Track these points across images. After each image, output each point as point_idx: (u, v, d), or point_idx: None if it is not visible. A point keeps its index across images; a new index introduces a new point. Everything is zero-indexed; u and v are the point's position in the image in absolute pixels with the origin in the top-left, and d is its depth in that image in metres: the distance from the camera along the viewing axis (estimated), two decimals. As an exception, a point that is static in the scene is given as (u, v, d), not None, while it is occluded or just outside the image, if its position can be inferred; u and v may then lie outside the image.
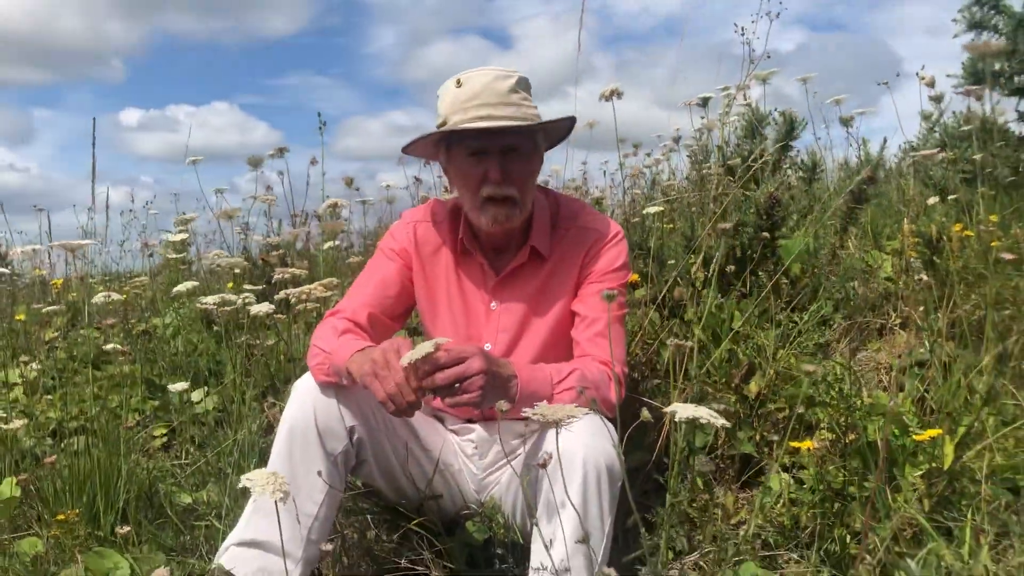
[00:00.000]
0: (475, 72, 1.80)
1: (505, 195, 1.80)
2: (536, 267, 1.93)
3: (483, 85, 1.77)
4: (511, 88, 1.79)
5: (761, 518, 1.83)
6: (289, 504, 1.64)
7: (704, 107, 3.44)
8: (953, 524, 1.64)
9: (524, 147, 1.84)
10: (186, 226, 3.09)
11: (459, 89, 1.79)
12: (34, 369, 3.14)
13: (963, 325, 2.30)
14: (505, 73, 1.80)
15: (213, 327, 3.06)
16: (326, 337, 1.81)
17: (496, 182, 1.79)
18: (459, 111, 1.78)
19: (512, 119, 1.76)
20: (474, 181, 1.82)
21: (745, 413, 2.10)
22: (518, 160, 1.82)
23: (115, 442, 2.28)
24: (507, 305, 1.94)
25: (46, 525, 2.14)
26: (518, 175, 1.82)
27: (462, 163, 1.84)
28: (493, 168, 1.79)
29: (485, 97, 1.76)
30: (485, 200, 1.81)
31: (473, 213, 1.86)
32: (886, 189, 3.80)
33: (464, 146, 1.82)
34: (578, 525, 1.50)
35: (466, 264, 1.97)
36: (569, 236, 1.95)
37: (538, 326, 1.93)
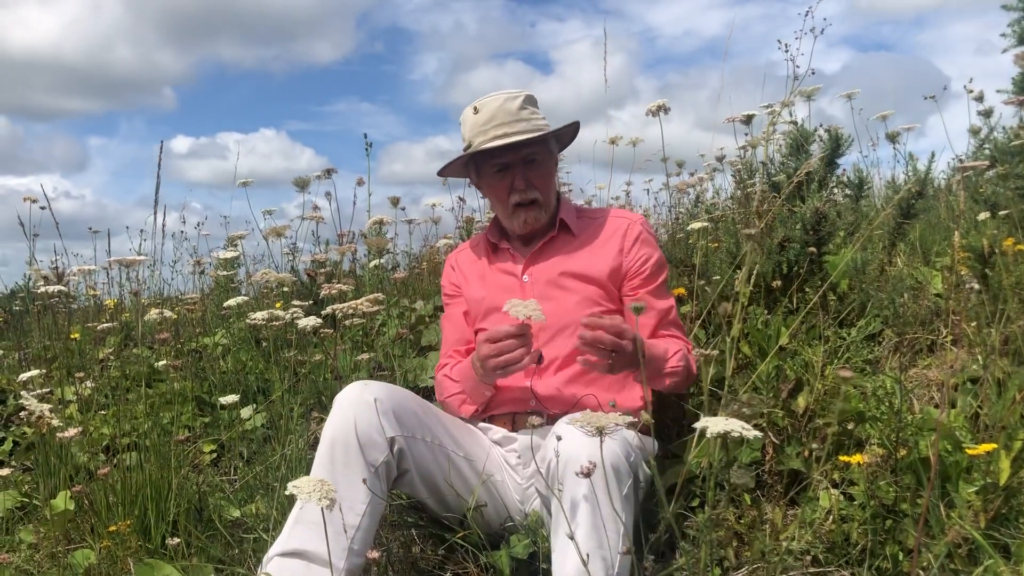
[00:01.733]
0: (488, 98, 2.09)
1: (531, 199, 2.10)
2: (565, 240, 2.17)
3: (496, 108, 2.07)
4: (520, 106, 2.08)
5: (810, 534, 1.80)
6: (332, 515, 1.66)
7: (748, 125, 3.43)
8: (1011, 541, 1.60)
9: (540, 155, 2.13)
10: (236, 244, 3.15)
11: (476, 115, 2.09)
12: (88, 387, 3.21)
13: (1018, 341, 2.25)
14: (514, 94, 2.09)
15: (262, 344, 3.10)
16: (446, 384, 2.14)
17: (521, 189, 2.10)
18: (480, 133, 2.08)
19: (524, 132, 2.05)
20: (503, 191, 2.12)
21: (793, 428, 2.07)
22: (536, 167, 2.13)
23: (166, 457, 2.32)
24: (537, 275, 2.14)
25: (99, 537, 2.18)
26: (539, 179, 2.13)
27: (491, 178, 2.15)
28: (518, 178, 2.10)
29: (500, 118, 2.06)
30: (515, 207, 2.12)
31: (506, 220, 2.18)
32: (935, 205, 3.74)
33: (490, 164, 2.13)
34: (590, 527, 1.51)
35: (498, 258, 2.22)
36: (597, 223, 2.20)
37: (566, 291, 2.10)
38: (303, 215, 3.33)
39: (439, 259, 4.76)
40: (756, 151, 3.45)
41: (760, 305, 2.55)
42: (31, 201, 3.28)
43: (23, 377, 2.34)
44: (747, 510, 1.94)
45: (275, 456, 2.33)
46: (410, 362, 2.96)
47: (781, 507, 1.94)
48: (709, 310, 2.55)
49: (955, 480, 1.77)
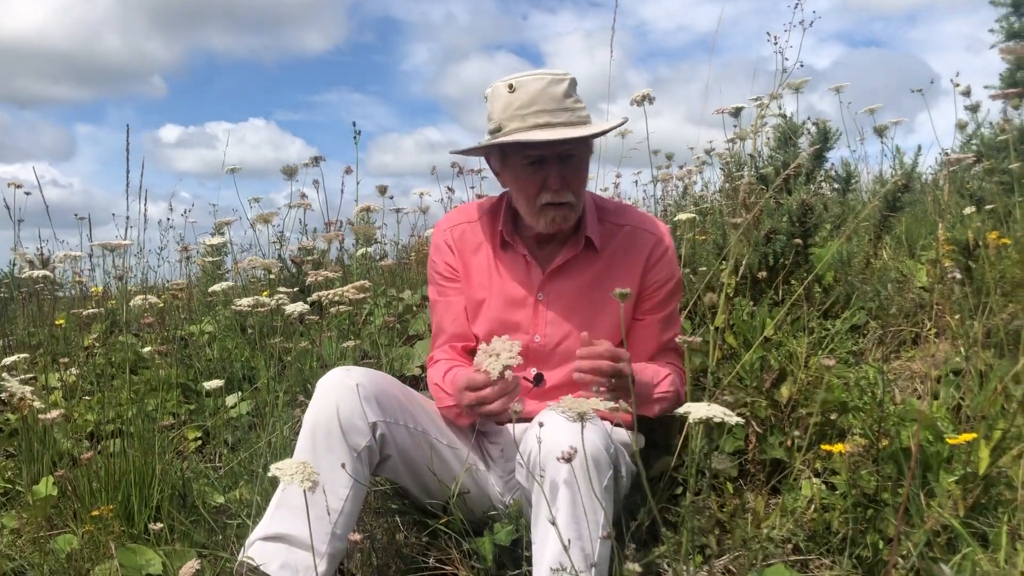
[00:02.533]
0: (527, 77, 1.81)
1: (564, 201, 1.85)
2: (589, 260, 1.96)
3: (539, 91, 1.79)
4: (565, 92, 1.81)
5: (792, 523, 1.81)
6: (314, 499, 1.66)
7: (736, 118, 3.43)
8: (988, 529, 1.61)
9: (580, 152, 1.88)
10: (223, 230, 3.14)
11: (513, 94, 1.80)
12: (73, 374, 3.20)
13: (1000, 333, 2.27)
14: (558, 77, 1.81)
15: (247, 331, 3.09)
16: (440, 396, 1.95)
17: (555, 189, 1.84)
18: (515, 118, 1.80)
19: (571, 125, 1.79)
20: (533, 188, 1.86)
21: (776, 418, 2.08)
22: (575, 167, 1.87)
23: (150, 443, 2.32)
24: (555, 297, 1.96)
25: (81, 522, 2.18)
26: (575, 181, 1.87)
27: (520, 171, 1.87)
28: (553, 177, 1.83)
29: (542, 103, 1.78)
30: (544, 205, 1.86)
31: (529, 216, 1.91)
32: (921, 199, 3.76)
33: (523, 155, 1.85)
34: (570, 516, 1.51)
35: (507, 257, 2.00)
36: (623, 233, 1.99)
37: (587, 321, 1.94)
38: (291, 203, 3.32)
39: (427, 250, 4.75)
40: (744, 144, 3.46)
41: (746, 296, 2.56)
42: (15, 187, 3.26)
43: (6, 362, 2.33)
44: (729, 499, 1.95)
45: (260, 443, 2.33)
46: (396, 351, 2.96)
47: (763, 496, 1.95)
48: (695, 301, 2.56)
49: (936, 470, 1.79)
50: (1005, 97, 2.22)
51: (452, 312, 2.06)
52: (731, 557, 1.85)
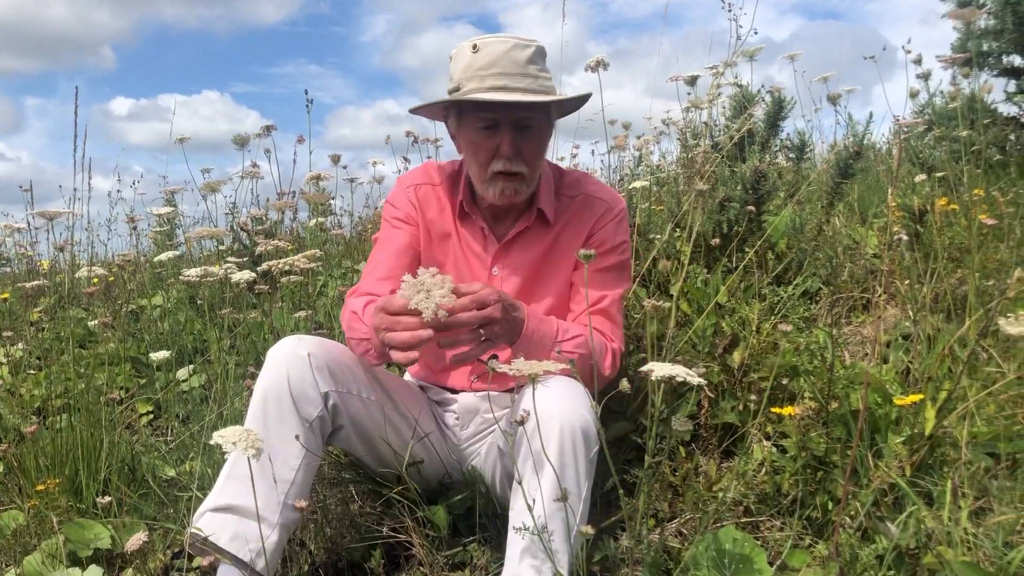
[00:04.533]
0: (493, 38, 1.75)
1: (516, 171, 1.78)
2: (541, 233, 1.93)
3: (501, 53, 1.73)
4: (529, 58, 1.74)
5: (743, 485, 1.83)
6: (264, 469, 1.64)
7: (692, 86, 3.43)
8: (933, 488, 1.64)
9: (538, 122, 1.80)
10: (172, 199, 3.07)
11: (475, 55, 1.74)
12: (20, 349, 3.13)
13: (948, 298, 2.31)
14: (524, 42, 1.75)
15: (198, 303, 3.05)
16: (356, 325, 1.77)
17: (508, 157, 1.77)
18: (474, 78, 1.74)
19: (529, 92, 1.72)
20: (484, 154, 1.79)
21: (728, 383, 2.10)
22: (531, 136, 1.80)
23: (98, 416, 2.28)
24: (509, 271, 1.93)
25: (28, 498, 2.14)
26: (530, 152, 1.80)
27: (473, 134, 1.80)
28: (505, 143, 1.76)
29: (503, 66, 1.72)
30: (495, 174, 1.79)
31: (480, 184, 1.85)
32: (873, 167, 3.80)
33: (477, 117, 1.78)
34: (556, 486, 1.49)
35: (466, 227, 1.96)
36: (575, 203, 1.94)
37: (541, 293, 1.92)
38: (242, 173, 3.26)
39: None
40: (700, 113, 3.46)
41: (699, 264, 2.57)
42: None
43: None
44: (682, 462, 1.96)
45: (212, 415, 2.30)
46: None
47: (715, 459, 1.97)
48: (649, 268, 2.57)
49: (884, 431, 1.81)
50: (953, 63, 2.24)
51: (395, 248, 1.95)
52: (683, 520, 1.87)
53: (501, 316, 1.57)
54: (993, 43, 3.82)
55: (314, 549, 1.93)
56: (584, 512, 1.57)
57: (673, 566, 1.68)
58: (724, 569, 1.51)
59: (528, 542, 1.53)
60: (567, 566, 1.51)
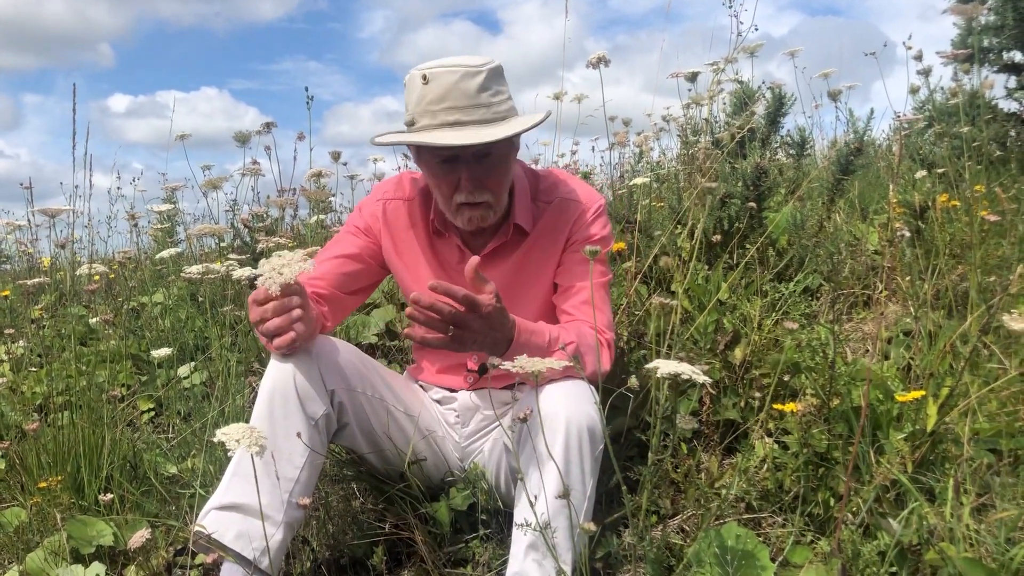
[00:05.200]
0: (441, 68, 1.67)
1: (480, 201, 1.75)
2: (519, 243, 1.90)
3: (451, 85, 1.66)
4: (480, 86, 1.67)
5: (744, 482, 1.83)
6: (269, 468, 1.64)
7: (693, 82, 3.43)
8: (935, 484, 1.64)
9: (497, 149, 1.75)
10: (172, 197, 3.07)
11: (426, 87, 1.68)
12: (21, 346, 3.13)
13: (949, 294, 2.31)
14: (473, 69, 1.67)
15: (199, 300, 3.04)
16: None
17: (468, 191, 1.73)
18: (426, 113, 1.68)
19: (485, 123, 1.67)
20: (446, 187, 1.76)
21: (730, 379, 2.10)
22: (492, 165, 1.75)
23: (99, 414, 2.28)
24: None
25: (29, 495, 2.14)
26: (492, 180, 1.76)
27: (432, 168, 1.77)
28: (465, 177, 1.72)
29: (454, 99, 1.66)
30: (459, 205, 1.77)
31: (448, 214, 1.82)
32: (874, 163, 3.80)
33: (434, 153, 1.74)
34: (560, 484, 1.49)
35: (441, 244, 1.94)
36: (551, 208, 1.91)
37: (522, 301, 1.90)
38: (243, 170, 3.26)
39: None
40: (700, 109, 3.46)
41: (700, 260, 2.57)
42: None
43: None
44: (684, 459, 1.96)
45: (213, 412, 2.30)
46: (352, 318, 2.93)
47: (717, 456, 1.97)
48: (650, 265, 2.57)
49: (885, 428, 1.82)
50: (955, 58, 2.24)
51: (340, 250, 1.95)
52: (685, 516, 1.87)
53: (477, 326, 1.55)
54: (994, 39, 3.81)
55: (316, 546, 1.93)
56: (588, 510, 1.57)
57: (675, 563, 1.68)
58: (727, 566, 1.51)
59: (532, 539, 1.54)
60: (571, 563, 1.52)
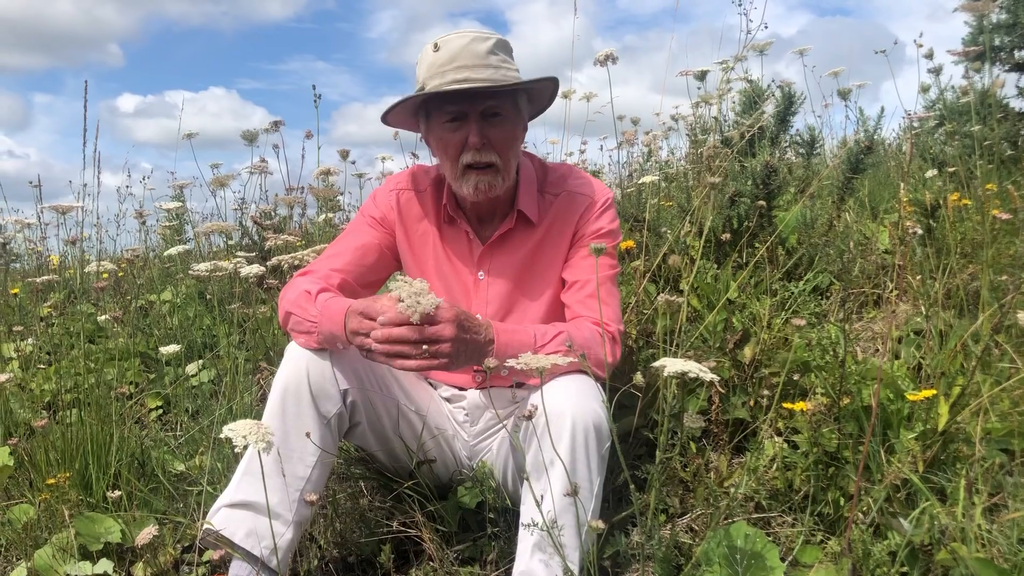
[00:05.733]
0: (453, 35, 1.73)
1: (487, 161, 1.75)
2: (525, 234, 1.90)
3: (460, 47, 1.70)
4: (489, 50, 1.72)
5: (754, 481, 1.82)
6: (280, 466, 1.64)
7: (702, 81, 3.42)
8: (946, 484, 1.63)
9: (505, 111, 1.77)
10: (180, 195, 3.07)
11: (436, 53, 1.72)
12: (30, 343, 3.14)
13: (960, 293, 2.29)
14: (484, 35, 1.72)
15: (207, 298, 3.05)
16: (302, 302, 1.75)
17: (476, 147, 1.74)
18: (436, 75, 1.71)
19: (490, 81, 1.69)
20: (453, 148, 1.76)
21: (739, 378, 2.09)
22: (499, 125, 1.76)
23: (108, 411, 2.28)
24: (496, 275, 1.90)
25: (38, 492, 2.14)
26: (499, 140, 1.76)
27: (440, 130, 1.77)
28: (473, 133, 1.73)
29: (463, 59, 1.69)
30: (466, 168, 1.76)
31: (455, 182, 1.81)
32: (884, 162, 3.79)
33: (442, 112, 1.75)
34: (567, 482, 1.49)
35: (451, 233, 1.93)
36: (559, 201, 1.91)
37: (529, 296, 1.90)
38: (251, 169, 3.26)
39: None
40: (709, 108, 3.45)
41: (710, 259, 2.56)
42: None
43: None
44: (692, 458, 1.95)
45: (221, 410, 2.30)
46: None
47: (726, 455, 1.96)
48: (659, 264, 2.56)
49: (896, 427, 1.80)
50: (965, 57, 2.22)
51: (360, 242, 1.94)
52: (694, 515, 1.86)
53: (453, 335, 1.53)
54: (1005, 37, 3.79)
55: (324, 544, 1.93)
56: (596, 508, 1.56)
57: (684, 562, 1.67)
58: (736, 565, 1.50)
59: (539, 537, 1.53)
60: (578, 562, 1.51)
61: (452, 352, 1.54)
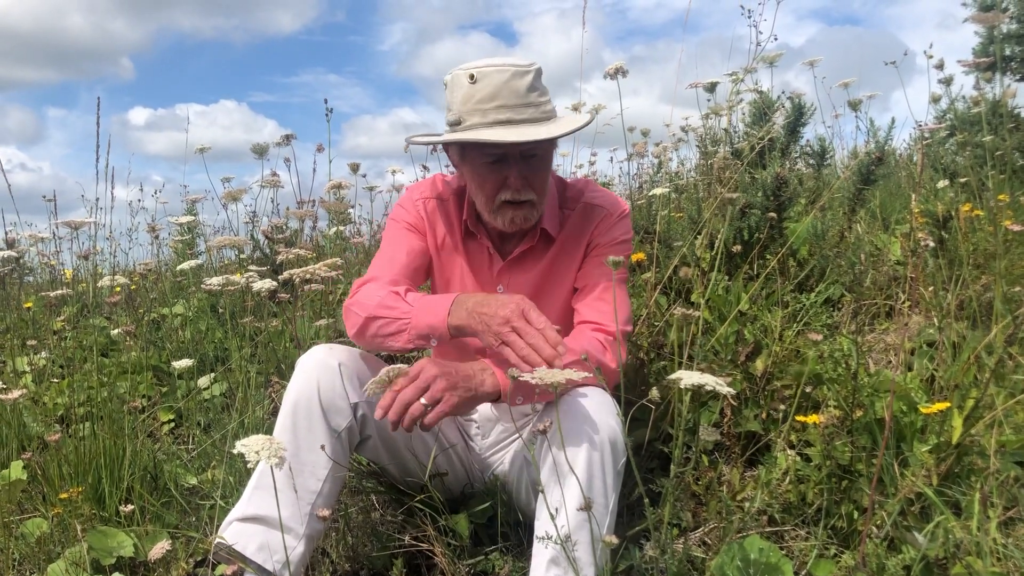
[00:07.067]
0: (489, 67, 1.70)
1: (524, 200, 1.77)
2: (543, 248, 1.91)
3: (501, 84, 1.68)
4: (529, 87, 1.70)
5: (767, 494, 1.81)
6: (291, 480, 1.64)
7: (711, 93, 3.42)
8: (961, 497, 1.62)
9: (543, 150, 1.78)
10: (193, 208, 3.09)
11: (473, 86, 1.70)
12: (43, 357, 3.16)
13: (973, 305, 2.28)
14: (522, 69, 1.70)
15: (219, 312, 3.06)
16: (389, 302, 1.73)
17: (516, 188, 1.75)
18: (475, 112, 1.70)
19: (535, 123, 1.70)
20: (491, 185, 1.77)
21: (751, 391, 2.08)
22: (538, 165, 1.78)
23: (120, 425, 2.29)
24: (514, 289, 1.91)
25: (51, 506, 2.15)
26: (538, 180, 1.78)
27: (479, 168, 1.78)
28: (513, 176, 1.74)
29: (504, 98, 1.68)
30: (502, 203, 1.78)
31: (487, 214, 1.82)
32: (895, 173, 3.78)
33: (482, 152, 1.75)
34: (582, 498, 1.48)
35: (472, 247, 1.94)
36: (575, 214, 1.92)
37: (545, 306, 1.87)
38: (262, 182, 3.28)
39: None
40: (719, 119, 3.45)
41: (720, 271, 2.56)
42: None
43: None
44: (705, 471, 1.95)
45: (233, 424, 2.31)
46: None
47: (738, 468, 1.95)
48: (670, 276, 2.55)
49: (909, 440, 1.80)
50: (976, 67, 2.22)
51: (408, 247, 1.93)
52: (706, 529, 1.85)
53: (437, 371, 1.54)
54: (1016, 47, 3.78)
55: (336, 558, 1.93)
56: (611, 524, 1.55)
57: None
58: (750, 579, 1.49)
59: (554, 553, 1.52)
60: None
61: (448, 386, 1.53)
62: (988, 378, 1.73)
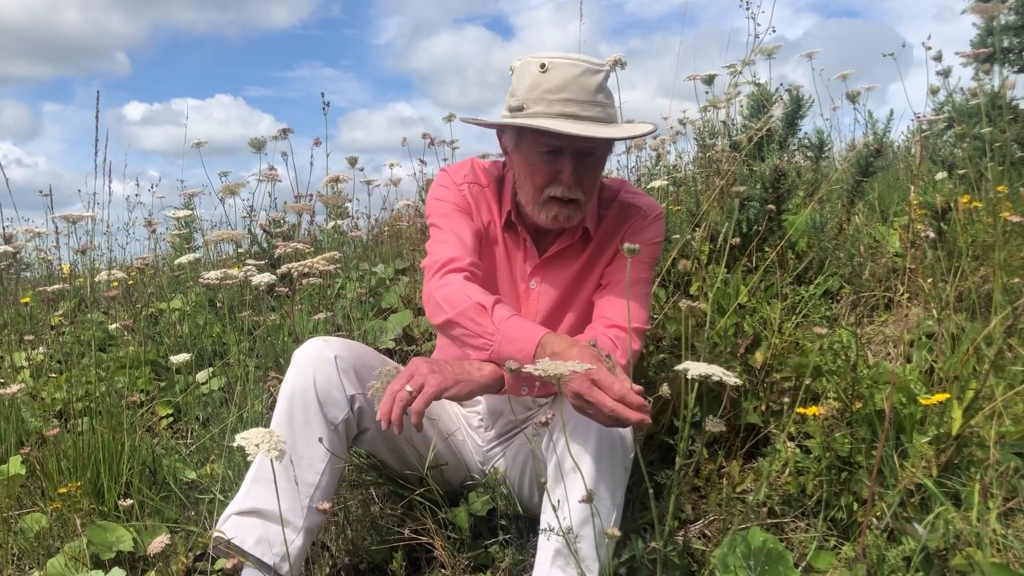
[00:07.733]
0: (562, 60, 1.68)
1: (572, 198, 1.74)
2: (581, 247, 1.89)
3: (571, 78, 1.66)
4: (598, 86, 1.69)
5: (767, 486, 1.81)
6: (289, 473, 1.63)
7: (709, 85, 3.41)
8: (961, 488, 1.62)
9: (600, 151, 1.77)
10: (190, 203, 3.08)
11: (543, 74, 1.68)
12: (41, 352, 3.15)
13: (972, 296, 2.28)
14: (594, 67, 1.69)
15: (217, 306, 3.05)
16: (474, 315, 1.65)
17: (568, 185, 1.73)
18: (541, 100, 1.67)
19: (599, 122, 1.68)
20: (542, 177, 1.74)
21: (751, 383, 2.08)
22: (592, 165, 1.76)
23: (119, 419, 2.29)
24: (546, 285, 1.89)
25: (50, 501, 2.15)
26: (588, 180, 1.76)
27: (533, 157, 1.74)
28: (566, 171, 1.71)
29: (572, 91, 1.66)
30: (550, 198, 1.75)
31: (531, 206, 1.80)
32: (893, 164, 3.78)
33: (540, 141, 1.72)
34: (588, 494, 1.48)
35: (510, 238, 1.92)
36: (611, 212, 1.91)
37: (575, 306, 1.89)
38: (259, 176, 3.27)
39: (399, 226, 4.72)
40: (717, 112, 3.44)
41: (719, 263, 2.56)
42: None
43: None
44: (705, 464, 1.95)
45: (232, 418, 2.30)
46: (369, 324, 2.93)
47: (738, 460, 1.96)
48: (668, 268, 2.55)
49: (909, 431, 1.80)
50: (974, 58, 2.22)
51: (465, 227, 1.85)
52: (706, 521, 1.86)
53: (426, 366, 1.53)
54: (1014, 39, 3.78)
55: (335, 551, 1.93)
56: (617, 520, 1.55)
57: (697, 568, 1.66)
58: (751, 571, 1.49)
59: (558, 547, 1.52)
60: (596, 573, 1.50)
61: (433, 371, 1.52)
62: (987, 369, 1.73)
